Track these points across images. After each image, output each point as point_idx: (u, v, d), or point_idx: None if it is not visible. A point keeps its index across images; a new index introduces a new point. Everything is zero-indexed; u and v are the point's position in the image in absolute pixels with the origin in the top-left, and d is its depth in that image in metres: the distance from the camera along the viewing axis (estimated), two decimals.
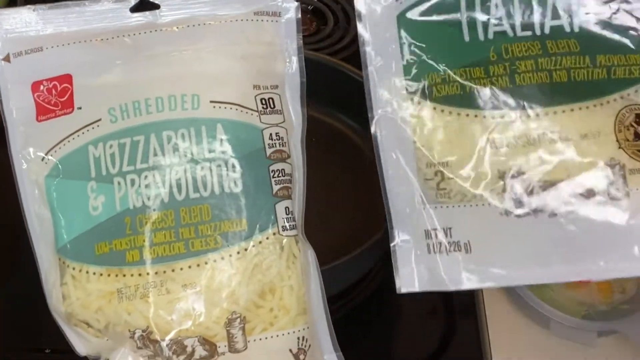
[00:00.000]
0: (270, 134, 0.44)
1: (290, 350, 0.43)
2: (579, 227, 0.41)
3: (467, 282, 0.42)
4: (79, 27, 0.45)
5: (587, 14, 0.43)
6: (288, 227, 0.43)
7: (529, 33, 0.43)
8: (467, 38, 0.43)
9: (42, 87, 0.44)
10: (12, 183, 0.44)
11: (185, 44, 0.45)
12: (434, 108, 0.43)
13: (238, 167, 0.43)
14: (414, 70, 0.44)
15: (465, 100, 0.43)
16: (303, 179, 0.45)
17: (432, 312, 0.57)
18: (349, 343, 0.43)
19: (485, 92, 0.42)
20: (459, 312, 0.57)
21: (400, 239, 0.43)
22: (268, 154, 0.44)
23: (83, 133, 0.43)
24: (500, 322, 0.56)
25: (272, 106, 0.45)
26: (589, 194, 0.41)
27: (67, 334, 0.44)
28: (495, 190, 0.42)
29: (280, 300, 0.43)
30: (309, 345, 0.43)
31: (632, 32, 0.42)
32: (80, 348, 0.44)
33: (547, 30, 0.42)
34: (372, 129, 0.43)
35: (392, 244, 0.43)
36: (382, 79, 0.44)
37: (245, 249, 0.42)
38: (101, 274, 0.42)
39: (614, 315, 0.55)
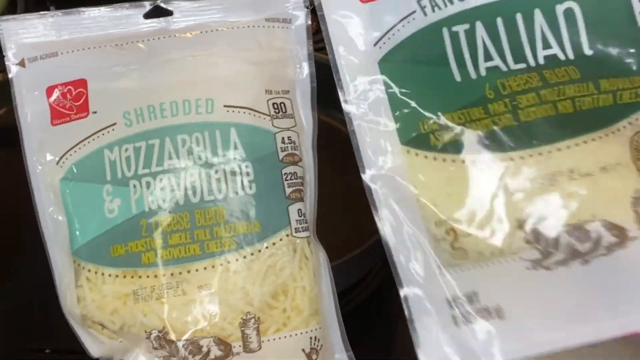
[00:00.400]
0: (283, 138, 0.45)
1: (303, 350, 0.43)
2: (617, 271, 0.37)
3: (506, 353, 0.36)
4: (93, 33, 0.45)
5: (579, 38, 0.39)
6: (300, 229, 0.44)
7: (523, 65, 0.39)
8: (458, 78, 0.39)
9: (56, 92, 0.44)
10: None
11: (198, 50, 0.45)
12: (434, 158, 0.39)
13: (251, 170, 0.43)
14: (406, 120, 0.39)
15: (468, 146, 0.38)
16: (315, 182, 0.45)
17: None
18: (349, 343, 0.43)
19: (488, 134, 0.38)
20: None
21: (417, 313, 0.37)
22: (280, 157, 0.44)
23: (98, 137, 0.44)
24: None
25: (283, 110, 0.45)
26: (621, 233, 0.37)
27: (80, 336, 0.44)
28: (517, 242, 0.37)
29: (293, 301, 0.43)
30: (321, 345, 0.43)
31: (630, 52, 0.39)
32: (94, 349, 0.44)
33: (541, 61, 0.39)
34: (367, 190, 0.39)
35: (409, 321, 0.37)
36: (371, 134, 0.39)
37: (259, 251, 0.43)
38: (117, 276, 0.42)
39: None
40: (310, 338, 0.43)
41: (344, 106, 0.40)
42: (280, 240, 0.43)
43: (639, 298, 0.36)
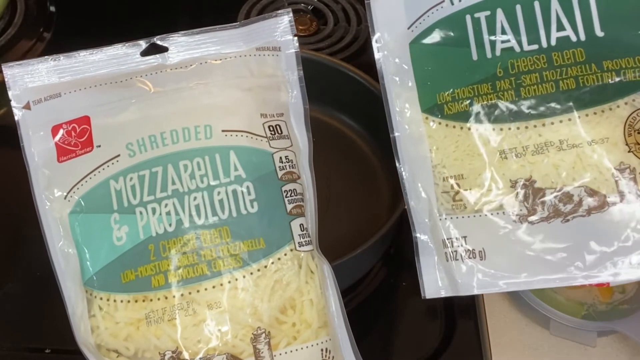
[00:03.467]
0: (280, 157, 0.43)
1: None
2: (592, 231, 0.39)
3: (483, 287, 0.41)
4: (94, 73, 0.44)
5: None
6: (304, 243, 0.41)
7: (535, 47, 0.40)
8: (475, 57, 0.41)
9: (61, 130, 0.43)
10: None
11: (194, 80, 0.43)
12: (447, 125, 0.42)
13: (252, 190, 0.41)
14: (426, 92, 0.43)
15: (474, 116, 0.41)
16: (314, 198, 0.43)
17: (432, 312, 0.54)
18: None
19: (492, 107, 0.41)
20: (459, 312, 0.54)
21: (422, 248, 0.42)
22: (280, 175, 0.42)
23: (103, 169, 0.42)
24: (500, 322, 0.52)
25: (279, 132, 0.44)
26: (600, 198, 0.39)
27: None
28: (508, 200, 0.40)
29: (302, 315, 0.41)
30: (332, 357, 0.41)
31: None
32: None
33: (553, 42, 0.40)
34: (394, 149, 0.43)
35: (416, 257, 0.42)
36: (399, 102, 0.43)
37: (265, 267, 0.40)
38: (128, 301, 0.40)
39: (614, 315, 0.51)
40: (322, 350, 0.41)
41: (380, 75, 0.44)
42: (285, 255, 0.41)
43: (607, 255, 0.39)
